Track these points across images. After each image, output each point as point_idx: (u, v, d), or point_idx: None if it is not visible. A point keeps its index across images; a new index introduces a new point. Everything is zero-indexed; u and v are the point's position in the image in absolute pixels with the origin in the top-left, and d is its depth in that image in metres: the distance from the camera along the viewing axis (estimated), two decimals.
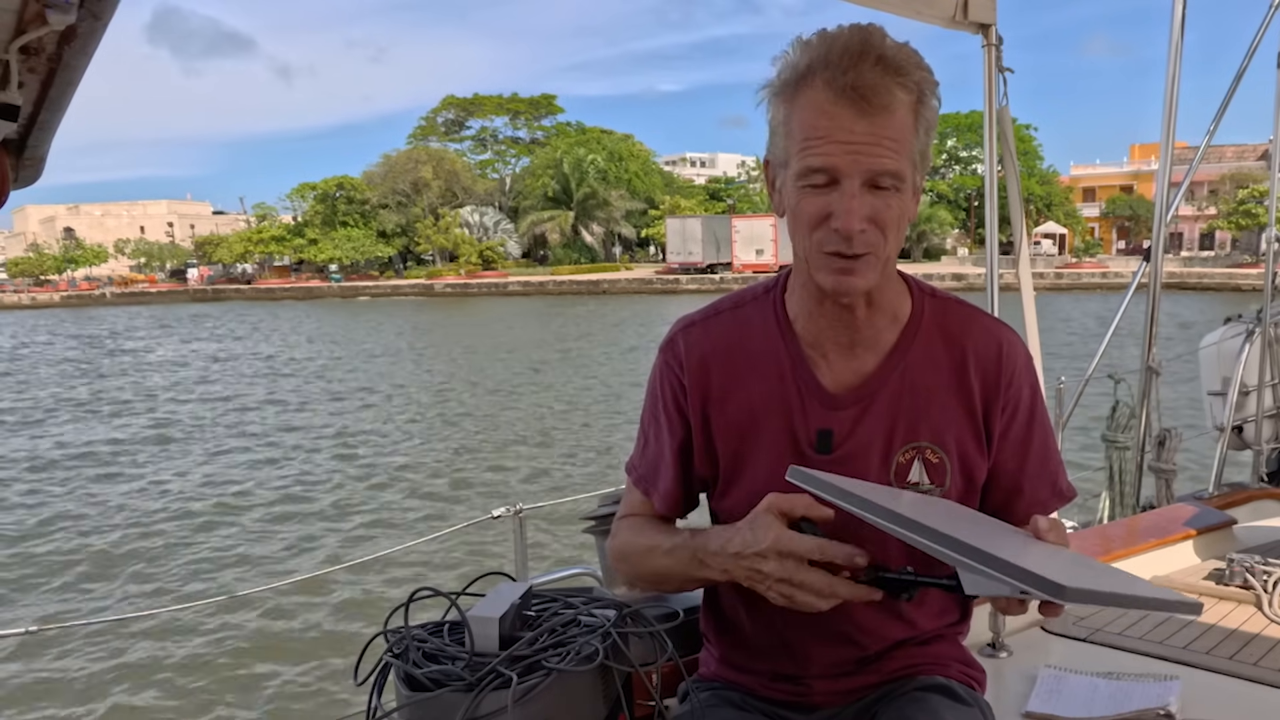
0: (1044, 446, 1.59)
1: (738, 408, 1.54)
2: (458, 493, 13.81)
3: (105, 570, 10.85)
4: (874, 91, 1.32)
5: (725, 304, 1.63)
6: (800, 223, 1.41)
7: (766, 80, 1.42)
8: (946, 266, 63.82)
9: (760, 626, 1.59)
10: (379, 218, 77.22)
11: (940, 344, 1.53)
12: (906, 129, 1.36)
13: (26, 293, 77.73)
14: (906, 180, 1.38)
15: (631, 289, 64.93)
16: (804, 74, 1.36)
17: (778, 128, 1.42)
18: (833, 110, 1.33)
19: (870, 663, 1.58)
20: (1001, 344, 1.55)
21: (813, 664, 1.58)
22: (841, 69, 1.32)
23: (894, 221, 1.39)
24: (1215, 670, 2.28)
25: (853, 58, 1.32)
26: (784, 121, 1.40)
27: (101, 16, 0.97)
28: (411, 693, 1.33)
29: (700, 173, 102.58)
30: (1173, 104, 3.99)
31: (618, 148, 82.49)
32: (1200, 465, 5.81)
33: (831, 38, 1.35)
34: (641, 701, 1.57)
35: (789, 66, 1.39)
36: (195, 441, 18.62)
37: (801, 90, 1.36)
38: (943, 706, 1.51)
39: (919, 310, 1.55)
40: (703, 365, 1.56)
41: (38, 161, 1.21)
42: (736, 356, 1.55)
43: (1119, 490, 5.07)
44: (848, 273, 1.40)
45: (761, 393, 1.52)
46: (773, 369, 1.53)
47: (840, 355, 1.52)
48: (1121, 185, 77.59)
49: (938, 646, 1.63)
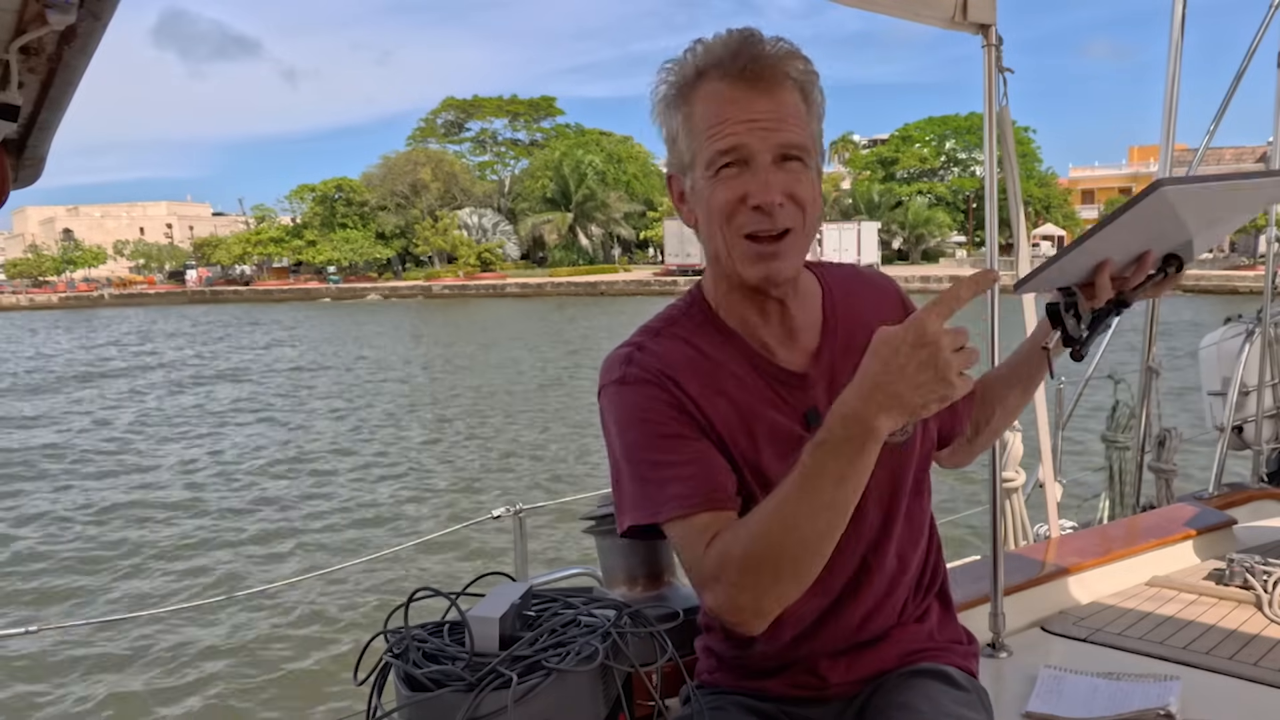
0: None
1: (724, 412, 1.48)
2: (458, 493, 13.82)
3: (98, 571, 10.86)
4: (769, 71, 1.37)
5: (656, 325, 1.56)
6: (715, 214, 1.40)
7: (656, 96, 1.45)
8: (944, 269, 63.84)
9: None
10: (378, 219, 77.31)
11: (854, 302, 1.60)
12: (801, 109, 1.40)
13: (25, 294, 77.77)
14: (811, 158, 1.42)
15: (629, 290, 64.93)
16: (695, 76, 1.40)
17: (676, 133, 1.44)
18: (732, 94, 1.37)
19: (869, 648, 1.60)
20: (890, 281, 1.71)
21: (816, 657, 1.59)
22: (732, 58, 1.37)
23: (809, 198, 1.41)
24: (1215, 670, 2.28)
25: (739, 48, 1.38)
26: (683, 122, 1.42)
27: (101, 16, 0.97)
28: (411, 693, 1.33)
29: None
30: (1172, 105, 3.99)
31: (616, 149, 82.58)
32: (1200, 465, 5.81)
33: (713, 42, 1.41)
34: (642, 701, 1.57)
35: (678, 75, 1.42)
36: (179, 442, 18.62)
37: (696, 88, 1.40)
38: (940, 693, 1.54)
39: (823, 279, 1.61)
40: (677, 375, 1.47)
41: (38, 162, 1.21)
42: (697, 369, 1.49)
43: (1119, 490, 5.07)
44: (772, 257, 1.41)
45: (738, 394, 1.49)
46: (735, 371, 1.50)
47: (783, 345, 1.53)
48: (1120, 187, 77.60)
49: (938, 630, 1.67)
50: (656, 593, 2.10)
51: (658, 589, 2.13)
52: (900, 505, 1.58)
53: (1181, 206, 1.39)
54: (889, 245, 71.39)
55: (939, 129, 76.92)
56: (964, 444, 1.79)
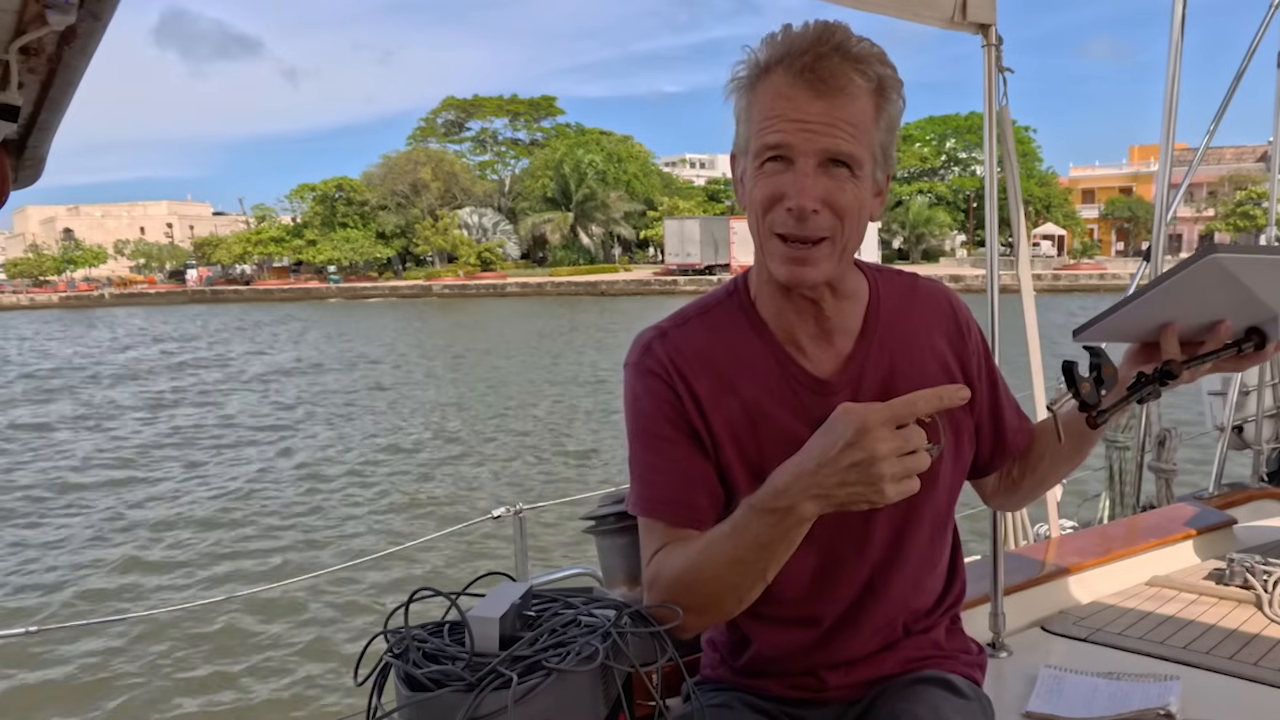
0: (998, 376, 1.70)
1: (731, 412, 1.48)
2: (458, 493, 13.81)
3: (103, 570, 10.86)
4: (830, 74, 1.33)
5: (691, 311, 1.56)
6: (754, 206, 1.41)
7: (730, 76, 1.44)
8: (944, 268, 63.81)
9: (762, 623, 1.59)
10: (378, 219, 77.24)
11: (901, 313, 1.57)
12: (865, 117, 1.36)
13: (25, 293, 77.72)
14: (864, 169, 1.37)
15: (630, 290, 64.94)
16: (765, 65, 1.38)
17: (739, 117, 1.44)
18: (789, 92, 1.35)
19: (878, 656, 1.59)
20: (947, 295, 1.64)
21: (819, 660, 1.58)
22: (800, 55, 1.34)
23: (851, 208, 1.37)
24: (1215, 670, 2.28)
25: (811, 45, 1.34)
26: (745, 109, 1.41)
27: (101, 16, 0.97)
28: (411, 693, 1.32)
29: (700, 174, 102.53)
30: (1173, 105, 3.98)
31: (617, 149, 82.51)
32: (1200, 465, 5.81)
33: (794, 32, 1.38)
34: (642, 701, 1.57)
35: (750, 62, 1.41)
36: (182, 448, 18.62)
37: (762, 79, 1.39)
38: (943, 701, 1.53)
39: (874, 285, 1.57)
40: (689, 370, 1.48)
41: (38, 162, 1.21)
42: (720, 360, 1.49)
43: (1119, 490, 5.07)
44: (801, 262, 1.39)
45: (752, 393, 1.48)
46: (758, 368, 1.50)
47: (815, 345, 1.51)
48: (1120, 187, 77.64)
49: (944, 639, 1.65)
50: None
51: None
52: (916, 529, 1.55)
53: (1243, 275, 1.33)
54: (889, 245, 71.48)
55: (939, 128, 76.88)
56: (1009, 483, 1.74)
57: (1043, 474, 1.70)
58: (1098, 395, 1.40)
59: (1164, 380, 1.41)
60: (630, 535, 2.18)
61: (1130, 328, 1.46)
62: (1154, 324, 1.43)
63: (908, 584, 1.58)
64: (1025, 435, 1.71)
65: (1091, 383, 1.40)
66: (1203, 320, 1.42)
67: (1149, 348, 1.44)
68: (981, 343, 1.65)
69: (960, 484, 1.65)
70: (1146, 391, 1.42)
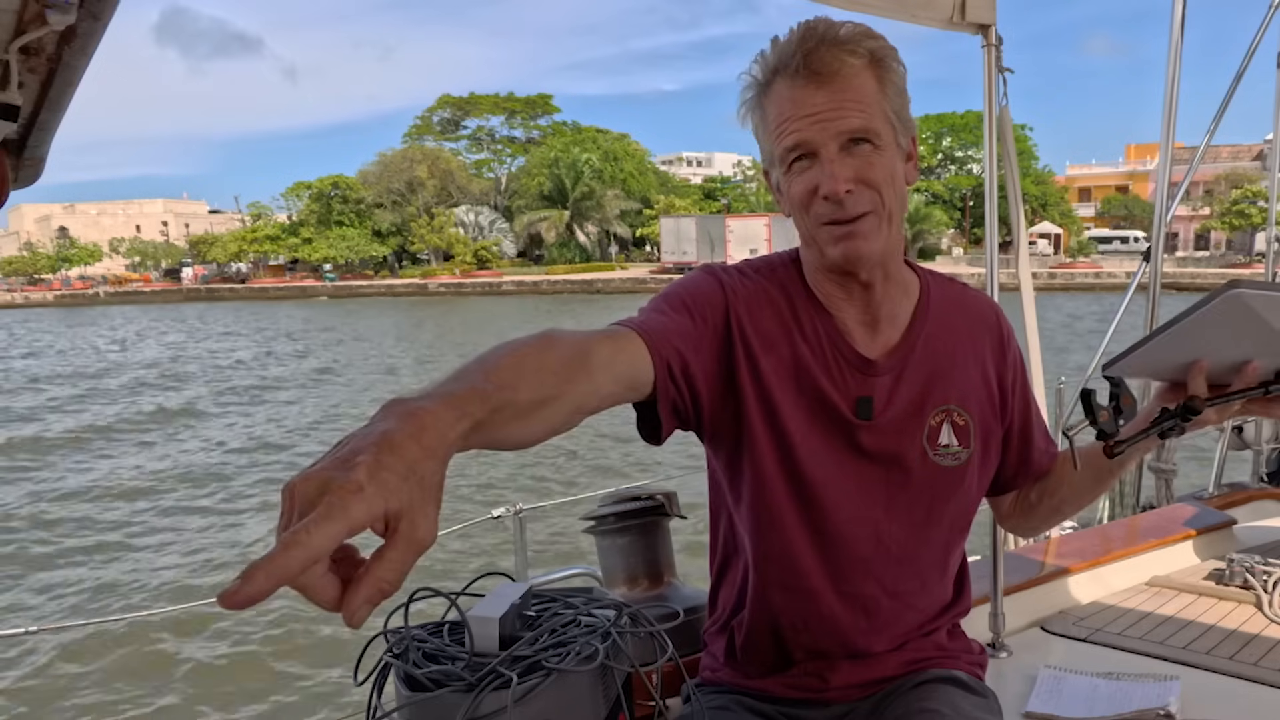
0: (1032, 395, 1.74)
1: (773, 364, 1.49)
2: (458, 493, 13.80)
3: (94, 569, 10.85)
4: (822, 64, 1.38)
5: (752, 265, 1.58)
6: (795, 206, 1.46)
7: (740, 100, 1.49)
8: (941, 267, 63.20)
9: (765, 622, 1.59)
10: (374, 217, 77.14)
11: (949, 315, 1.61)
12: (869, 91, 1.40)
13: (20, 291, 77.62)
14: (885, 138, 1.41)
15: (626, 288, 64.90)
16: (765, 80, 1.44)
17: (758, 134, 1.49)
18: (791, 94, 1.40)
19: (881, 656, 1.59)
20: (995, 309, 1.71)
21: (822, 660, 1.59)
22: (791, 59, 1.39)
23: (883, 179, 1.41)
24: (1215, 670, 2.28)
25: (798, 46, 1.39)
26: (760, 124, 1.47)
27: (101, 16, 0.97)
28: (411, 693, 1.32)
29: (696, 172, 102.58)
30: (1172, 104, 3.98)
31: (613, 147, 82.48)
32: (1200, 465, 5.82)
33: (780, 42, 1.43)
34: (642, 702, 1.57)
35: (753, 81, 1.46)
36: (183, 438, 18.61)
37: (766, 93, 1.44)
38: (957, 696, 1.54)
39: (925, 284, 1.61)
40: (748, 307, 1.49)
41: (38, 162, 1.21)
42: (778, 312, 1.52)
43: (1119, 490, 5.06)
44: (850, 237, 1.42)
45: (801, 354, 1.50)
46: (809, 333, 1.52)
47: (863, 330, 1.54)
48: (1117, 185, 77.81)
49: (946, 640, 1.67)
50: (656, 593, 2.10)
51: (658, 589, 2.13)
52: (935, 531, 1.58)
53: (1266, 312, 1.29)
54: None
55: (935, 126, 76.98)
56: (1026, 505, 1.76)
57: (1059, 501, 1.72)
58: (1116, 425, 1.40)
59: (1186, 416, 1.39)
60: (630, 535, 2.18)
61: (1159, 365, 1.44)
62: (1182, 361, 1.41)
63: (919, 585, 1.59)
64: (1050, 459, 1.74)
65: (1110, 411, 1.40)
66: (1232, 360, 1.41)
67: (1179, 387, 1.43)
68: (1018, 358, 1.70)
69: (983, 493, 1.67)
70: (1168, 425, 1.40)
